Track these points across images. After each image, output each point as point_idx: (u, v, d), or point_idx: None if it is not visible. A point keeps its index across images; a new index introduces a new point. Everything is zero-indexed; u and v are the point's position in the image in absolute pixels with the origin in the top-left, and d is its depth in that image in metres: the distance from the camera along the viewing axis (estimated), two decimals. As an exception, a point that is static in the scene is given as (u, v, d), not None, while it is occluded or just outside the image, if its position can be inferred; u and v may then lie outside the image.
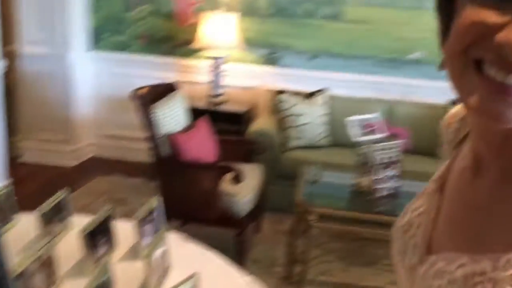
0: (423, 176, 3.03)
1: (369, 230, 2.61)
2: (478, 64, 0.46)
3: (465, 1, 0.46)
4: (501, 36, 0.42)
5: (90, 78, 4.11)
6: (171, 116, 2.85)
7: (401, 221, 0.67)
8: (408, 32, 3.70)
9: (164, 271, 1.36)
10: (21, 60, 3.81)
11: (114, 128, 4.11)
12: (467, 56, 0.46)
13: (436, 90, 3.66)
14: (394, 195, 2.57)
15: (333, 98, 3.70)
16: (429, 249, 0.59)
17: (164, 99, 2.86)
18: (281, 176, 3.28)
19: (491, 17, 0.43)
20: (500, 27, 0.42)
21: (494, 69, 0.44)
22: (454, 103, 3.59)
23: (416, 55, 3.75)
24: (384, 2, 3.69)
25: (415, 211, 0.65)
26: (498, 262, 0.48)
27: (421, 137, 3.48)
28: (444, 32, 0.51)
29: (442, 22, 0.53)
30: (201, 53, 3.86)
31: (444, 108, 3.59)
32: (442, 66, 0.52)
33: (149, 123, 2.67)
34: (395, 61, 3.81)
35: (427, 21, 3.64)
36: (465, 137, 0.64)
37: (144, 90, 2.79)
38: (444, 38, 0.51)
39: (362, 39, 3.80)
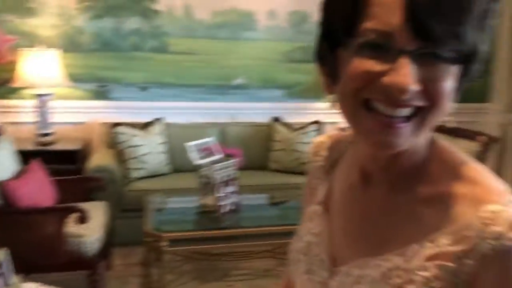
0: (257, 189, 3.13)
1: (219, 245, 2.77)
2: (367, 103, 0.56)
3: (351, 54, 0.55)
4: (386, 80, 0.53)
5: None
6: None
7: (297, 244, 0.74)
8: (229, 60, 4.03)
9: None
10: None
11: None
12: (357, 98, 0.56)
13: (259, 110, 4.10)
14: (235, 210, 2.80)
15: (169, 127, 3.79)
16: (335, 263, 0.67)
17: None
18: (127, 209, 3.25)
19: (374, 66, 0.53)
20: (383, 73, 0.53)
21: (382, 106, 0.54)
22: (276, 120, 4.03)
23: (238, 80, 4.10)
24: (204, 34, 3.96)
25: (310, 232, 0.73)
26: (406, 255, 0.59)
27: (251, 153, 3.73)
28: (331, 78, 0.61)
29: (326, 70, 0.63)
30: (23, 92, 3.62)
31: (268, 126, 4.03)
32: (333, 105, 0.62)
33: None
34: (222, 87, 4.09)
35: (244, 50, 4.05)
36: (336, 162, 0.76)
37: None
38: (330, 83, 0.62)
39: (190, 69, 4.00)
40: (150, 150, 3.63)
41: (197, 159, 2.77)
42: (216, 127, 3.85)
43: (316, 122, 3.99)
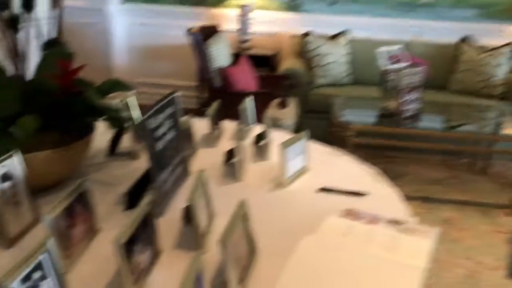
0: (437, 106, 3.63)
1: (400, 142, 3.05)
2: None
3: None
4: None
5: (124, 29, 4.29)
6: (220, 53, 3.21)
7: None
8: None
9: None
10: (64, 12, 4.18)
11: (147, 76, 3.83)
12: None
13: (445, 29, 4.07)
14: (416, 116, 2.98)
15: (354, 40, 3.95)
16: None
17: (212, 38, 3.23)
18: (310, 111, 3.58)
19: None
20: None
21: None
22: (463, 40, 3.90)
23: (428, -2, 4.07)
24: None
25: None
26: None
27: (433, 73, 3.66)
28: None
29: None
30: (229, 2, 4.16)
31: (454, 46, 3.94)
32: None
33: (203, 57, 3.01)
34: (409, 4, 4.12)
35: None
36: None
37: (196, 29, 3.14)
38: None
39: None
40: (334, 60, 3.85)
41: (385, 64, 2.96)
42: (400, 44, 3.54)
43: (509, 44, 3.91)
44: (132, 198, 1.16)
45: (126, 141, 1.53)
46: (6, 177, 1.03)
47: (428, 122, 3.16)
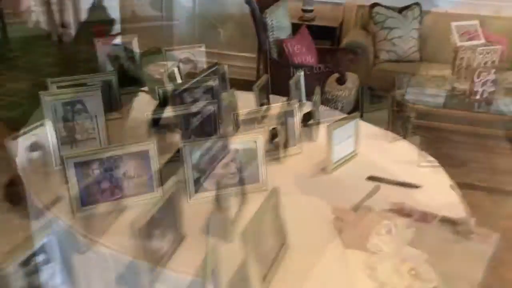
0: None
1: (467, 127, 2.83)
2: None
3: None
4: None
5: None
6: (279, 23, 3.05)
7: None
8: None
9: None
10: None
11: (208, 45, 3.35)
12: None
13: None
14: (489, 99, 2.68)
15: (424, 14, 3.61)
16: None
17: (271, 7, 3.06)
18: (370, 89, 3.32)
19: None
20: None
21: None
22: None
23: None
24: None
25: None
26: None
27: None
28: None
29: None
30: None
31: None
32: None
33: (260, 27, 2.89)
34: None
35: None
36: None
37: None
38: None
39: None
40: (402, 34, 3.58)
41: (458, 41, 2.75)
42: (475, 19, 3.19)
43: None
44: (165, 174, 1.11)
45: (170, 113, 1.47)
46: (36, 146, 1.00)
47: (503, 106, 2.88)
